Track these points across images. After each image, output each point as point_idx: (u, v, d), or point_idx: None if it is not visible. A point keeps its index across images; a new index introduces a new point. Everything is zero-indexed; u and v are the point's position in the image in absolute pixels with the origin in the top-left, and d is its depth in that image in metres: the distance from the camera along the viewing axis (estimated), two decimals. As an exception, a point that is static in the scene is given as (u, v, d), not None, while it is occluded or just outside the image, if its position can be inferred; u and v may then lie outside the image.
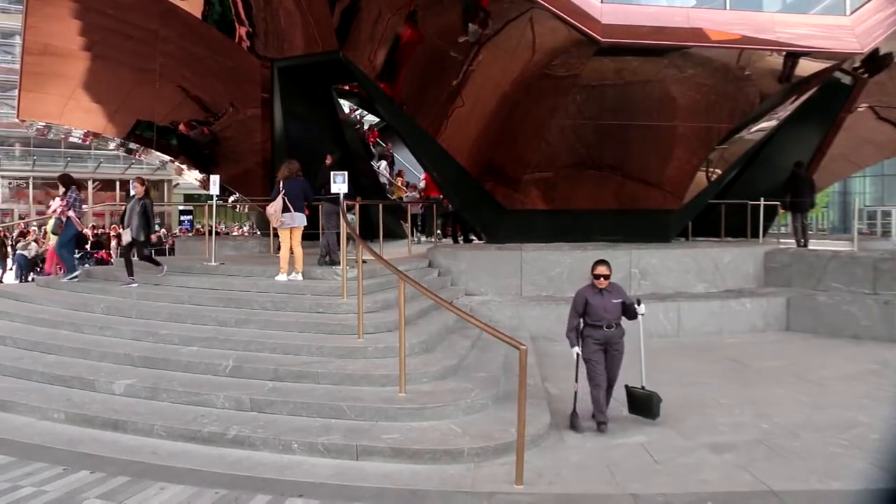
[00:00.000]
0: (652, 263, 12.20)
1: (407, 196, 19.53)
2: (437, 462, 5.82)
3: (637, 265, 12.10)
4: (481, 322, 6.26)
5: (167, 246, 24.55)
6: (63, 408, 6.94)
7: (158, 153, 19.35)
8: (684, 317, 11.35)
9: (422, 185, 20.09)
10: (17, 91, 18.38)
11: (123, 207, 11.30)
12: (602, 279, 7.07)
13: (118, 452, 6.23)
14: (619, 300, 7.07)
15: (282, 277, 10.02)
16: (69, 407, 7.00)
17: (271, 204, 10.01)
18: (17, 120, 20.10)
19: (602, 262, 7.19)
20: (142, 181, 11.27)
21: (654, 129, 12.22)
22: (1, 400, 7.20)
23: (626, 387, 7.18)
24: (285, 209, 9.88)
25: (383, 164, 20.43)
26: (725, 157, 13.38)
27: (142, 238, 10.98)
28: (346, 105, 21.70)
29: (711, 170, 13.31)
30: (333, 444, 5.99)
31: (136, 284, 10.88)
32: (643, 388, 7.13)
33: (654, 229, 13.26)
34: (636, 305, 7.07)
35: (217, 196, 12.63)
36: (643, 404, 7.05)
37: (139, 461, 6.04)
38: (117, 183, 59.53)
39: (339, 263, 10.38)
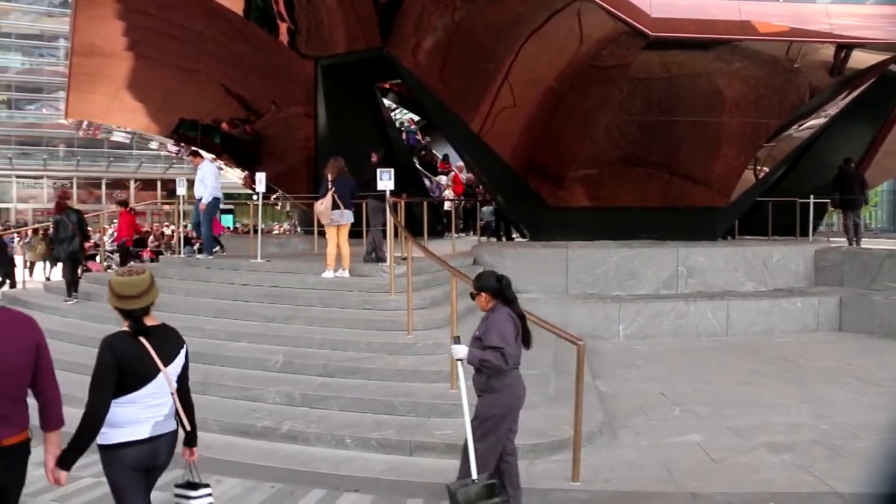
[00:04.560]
0: (699, 261, 12.02)
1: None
2: (492, 458, 5.79)
3: (684, 263, 11.94)
4: (537, 318, 6.20)
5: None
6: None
7: (201, 152, 19.57)
8: (733, 316, 11.16)
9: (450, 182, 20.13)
10: (61, 92, 18.79)
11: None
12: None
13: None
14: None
15: (328, 274, 10.05)
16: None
17: (320, 201, 10.04)
18: (62, 121, 20.49)
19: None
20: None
21: (701, 125, 12.06)
22: (58, 393, 7.31)
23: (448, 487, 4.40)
24: (334, 206, 9.90)
25: (444, 179, 20.34)
26: (774, 155, 13.16)
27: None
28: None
29: (759, 167, 13.10)
30: (387, 440, 6.00)
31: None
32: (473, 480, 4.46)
33: (701, 227, 13.08)
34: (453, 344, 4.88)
35: (260, 194, 12.70)
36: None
37: (194, 454, 6.10)
38: (158, 182, 60.59)
39: (385, 260, 10.39)
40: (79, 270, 11.50)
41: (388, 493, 5.34)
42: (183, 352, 3.68)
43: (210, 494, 3.83)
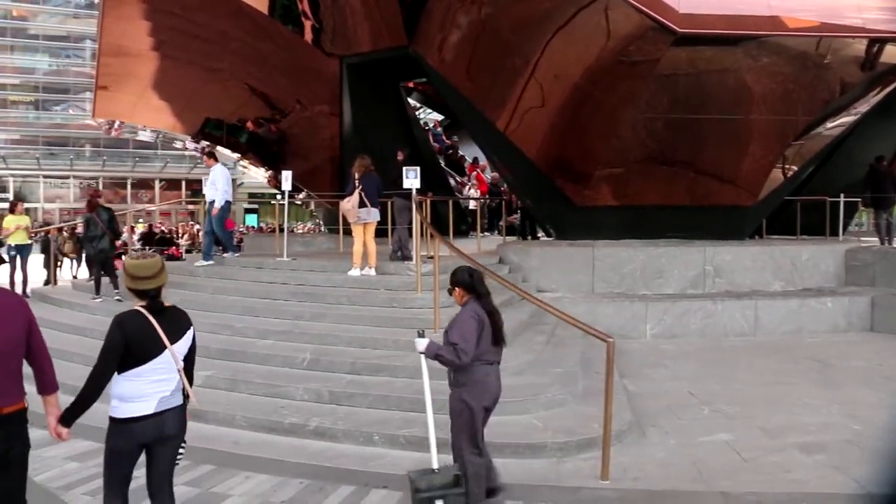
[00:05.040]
0: (727, 260, 11.90)
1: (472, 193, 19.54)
2: (520, 456, 5.79)
3: (711, 262, 11.82)
4: (566, 315, 6.18)
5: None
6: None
7: (225, 151, 19.77)
8: (762, 315, 11.03)
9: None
10: (87, 93, 19.06)
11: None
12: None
13: (201, 441, 6.31)
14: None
15: (355, 272, 10.09)
16: (151, 397, 7.16)
17: (347, 199, 10.07)
18: (89, 121, 20.76)
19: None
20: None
21: (728, 123, 11.91)
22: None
23: (408, 475, 4.70)
24: (361, 204, 9.93)
25: (473, 192, 20.32)
26: (803, 153, 13.00)
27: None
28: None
29: (788, 165, 12.95)
30: (415, 437, 5.99)
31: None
32: (434, 470, 4.68)
33: (728, 226, 12.95)
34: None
35: (286, 192, 12.75)
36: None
37: (222, 450, 6.15)
38: (183, 182, 61.17)
39: (411, 259, 10.41)
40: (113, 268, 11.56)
41: (416, 490, 5.33)
42: (190, 332, 3.98)
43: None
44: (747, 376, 8.54)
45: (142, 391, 3.74)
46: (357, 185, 10.01)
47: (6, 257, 13.17)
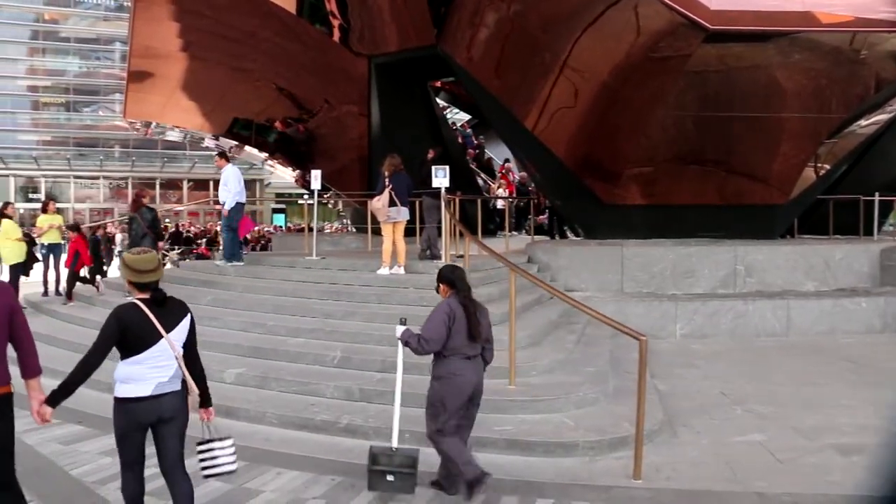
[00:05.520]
0: (758, 260, 11.76)
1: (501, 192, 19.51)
2: (552, 455, 5.77)
3: (742, 262, 11.69)
4: (598, 313, 6.15)
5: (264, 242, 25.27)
6: (177, 394, 7.15)
7: (252, 151, 19.93)
8: (794, 316, 10.89)
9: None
10: (116, 95, 19.31)
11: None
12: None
13: (233, 438, 6.38)
14: None
15: (384, 271, 10.10)
16: (182, 394, 7.21)
17: (377, 198, 10.08)
18: (118, 122, 21.06)
19: None
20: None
21: (759, 121, 11.77)
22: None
23: (371, 448, 5.15)
24: (391, 203, 9.94)
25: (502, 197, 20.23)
26: (836, 151, 12.82)
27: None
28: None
29: (821, 164, 12.78)
30: (445, 435, 5.98)
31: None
32: (394, 448, 5.10)
33: (759, 225, 12.80)
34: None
35: (313, 192, 12.78)
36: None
37: (253, 447, 6.17)
38: (211, 182, 61.66)
39: (440, 257, 10.41)
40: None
41: (448, 487, 5.33)
42: (186, 320, 4.21)
43: (234, 445, 4.43)
44: (780, 377, 8.44)
45: (142, 375, 3.99)
46: (387, 183, 10.01)
47: (40, 256, 13.36)
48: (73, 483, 5.40)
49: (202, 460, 4.36)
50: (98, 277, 13.20)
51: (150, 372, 4.01)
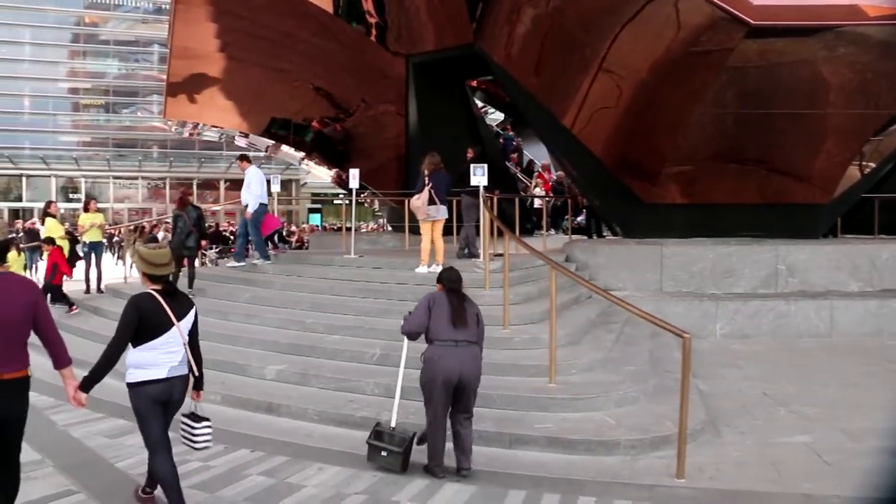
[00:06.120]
0: (801, 260, 11.55)
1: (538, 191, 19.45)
2: (593, 453, 5.74)
3: (784, 261, 11.49)
4: (645, 312, 6.10)
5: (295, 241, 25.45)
6: (219, 390, 7.25)
7: (289, 150, 20.09)
8: (838, 316, 10.69)
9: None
10: (155, 96, 19.57)
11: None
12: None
13: (274, 434, 6.46)
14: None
15: (422, 269, 10.10)
16: (224, 390, 7.32)
17: (417, 196, 10.07)
18: (157, 123, 21.38)
19: None
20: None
21: (801, 118, 11.55)
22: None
23: (378, 423, 5.86)
24: (431, 201, 9.94)
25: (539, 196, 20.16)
26: (881, 149, 12.55)
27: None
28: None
29: (866, 161, 12.51)
30: (485, 432, 5.99)
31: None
32: (393, 428, 5.71)
33: (801, 224, 12.54)
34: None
35: (353, 191, 12.82)
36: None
37: (295, 442, 6.24)
38: (247, 183, 62.24)
39: (478, 256, 10.39)
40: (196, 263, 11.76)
41: (488, 483, 5.34)
42: (192, 311, 4.65)
43: (210, 427, 4.81)
44: (824, 378, 8.30)
45: (156, 360, 4.42)
46: (427, 182, 10.01)
47: (82, 254, 13.58)
48: (118, 475, 5.48)
49: (183, 431, 4.79)
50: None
51: (163, 357, 4.43)
